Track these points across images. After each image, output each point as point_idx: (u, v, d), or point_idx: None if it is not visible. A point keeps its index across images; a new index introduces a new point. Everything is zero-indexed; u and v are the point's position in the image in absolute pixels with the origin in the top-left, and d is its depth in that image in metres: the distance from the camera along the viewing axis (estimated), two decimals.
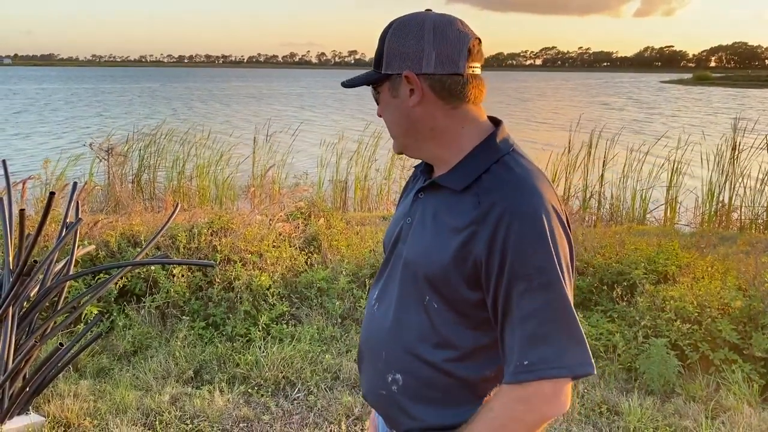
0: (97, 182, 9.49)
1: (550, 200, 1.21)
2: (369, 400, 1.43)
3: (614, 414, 3.44)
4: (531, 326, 1.16)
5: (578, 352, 1.17)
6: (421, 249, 1.28)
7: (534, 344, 1.15)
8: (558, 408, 1.17)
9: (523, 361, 1.16)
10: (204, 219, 5.45)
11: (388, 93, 1.32)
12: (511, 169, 1.24)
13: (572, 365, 1.16)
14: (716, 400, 3.52)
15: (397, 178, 10.50)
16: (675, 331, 3.88)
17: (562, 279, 1.17)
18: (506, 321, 1.19)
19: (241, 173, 10.77)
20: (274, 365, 3.81)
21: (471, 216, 1.21)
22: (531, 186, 1.21)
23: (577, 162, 10.00)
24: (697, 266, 4.83)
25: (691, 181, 9.88)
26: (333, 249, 5.45)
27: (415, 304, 1.29)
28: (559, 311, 1.17)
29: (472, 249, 1.20)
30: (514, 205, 1.18)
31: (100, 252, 4.75)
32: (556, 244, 1.18)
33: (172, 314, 4.38)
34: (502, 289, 1.18)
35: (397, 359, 1.32)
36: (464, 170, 1.27)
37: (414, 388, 1.30)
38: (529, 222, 1.17)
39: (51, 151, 9.76)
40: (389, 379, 1.33)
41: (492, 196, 1.20)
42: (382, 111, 1.36)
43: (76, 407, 3.33)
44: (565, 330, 1.17)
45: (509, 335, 1.18)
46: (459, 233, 1.21)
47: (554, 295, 1.16)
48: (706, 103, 45.34)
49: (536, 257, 1.16)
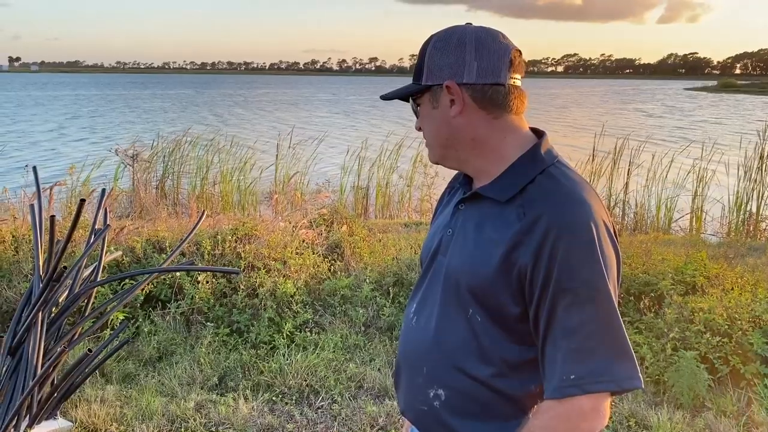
0: (122, 188, 9.61)
1: (597, 212, 1.19)
2: (408, 416, 1.40)
3: (643, 428, 3.39)
4: (578, 340, 1.14)
5: (626, 366, 1.15)
6: (464, 260, 1.26)
7: (581, 358, 1.13)
8: (599, 423, 1.15)
9: (569, 375, 1.13)
10: (228, 225, 5.47)
11: (428, 104, 1.31)
12: (557, 179, 1.23)
13: (620, 379, 1.14)
14: (748, 416, 3.45)
15: (419, 184, 10.49)
16: (704, 344, 3.81)
17: (610, 291, 1.15)
18: (550, 334, 1.17)
19: (263, 179, 10.85)
20: (298, 373, 3.81)
21: (515, 227, 1.20)
22: (579, 197, 1.20)
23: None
24: (726, 277, 4.74)
25: (718, 190, 9.73)
26: (356, 256, 5.44)
27: (458, 317, 1.27)
28: (606, 324, 1.15)
29: (517, 261, 1.18)
30: (561, 216, 1.17)
31: (126, 258, 4.79)
32: (604, 256, 1.16)
33: (196, 320, 4.41)
34: (546, 302, 1.16)
35: (439, 374, 1.30)
36: (508, 181, 1.26)
37: (457, 403, 1.28)
38: (576, 234, 1.15)
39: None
40: (431, 394, 1.31)
41: (538, 208, 1.19)
42: (421, 123, 1.35)
43: (102, 413, 3.36)
44: (612, 343, 1.15)
45: (552, 349, 1.16)
46: (503, 245, 1.20)
47: (601, 307, 1.15)
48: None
49: (584, 270, 1.14)
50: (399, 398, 1.44)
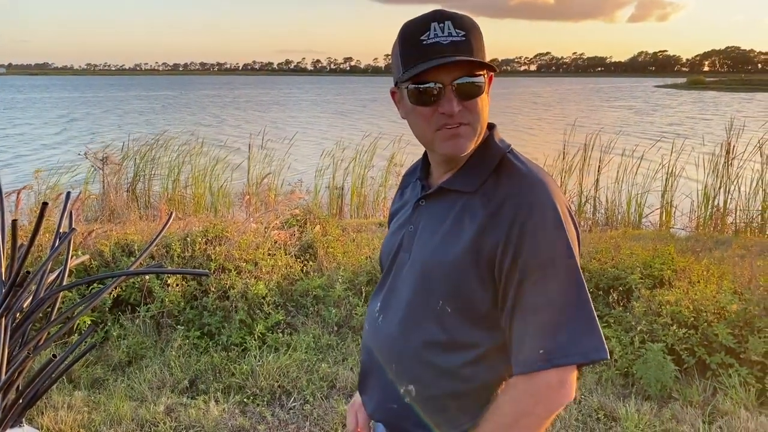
0: (92, 191, 9.47)
1: (557, 193, 1.23)
2: (377, 417, 1.39)
3: (611, 420, 3.43)
4: (546, 315, 1.16)
5: (592, 338, 1.17)
6: (432, 252, 1.27)
7: (550, 332, 1.15)
8: (567, 396, 1.17)
9: (538, 350, 1.15)
10: (198, 227, 5.43)
11: (487, 85, 1.29)
12: (516, 165, 1.26)
13: (586, 351, 1.16)
14: (713, 405, 3.52)
15: (393, 184, 10.50)
16: (671, 336, 3.87)
17: (577, 266, 1.19)
18: (519, 310, 1.18)
19: (236, 181, 10.78)
20: (270, 375, 3.79)
21: (481, 214, 1.22)
22: (539, 179, 1.23)
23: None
24: (693, 270, 4.83)
25: (687, 185, 9.90)
26: (329, 256, 5.43)
27: (426, 311, 1.27)
28: (574, 298, 1.17)
29: (485, 245, 1.20)
30: (525, 197, 1.19)
31: (94, 262, 4.73)
32: (569, 233, 1.20)
33: (166, 324, 4.36)
34: (514, 280, 1.18)
35: (408, 369, 1.30)
36: (471, 172, 1.28)
37: (428, 397, 1.28)
38: (542, 213, 1.18)
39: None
40: (401, 390, 1.31)
41: (502, 192, 1.22)
42: (475, 106, 1.26)
43: (70, 419, 3.31)
44: (579, 317, 1.17)
45: (521, 324, 1.18)
46: (470, 232, 1.22)
47: (570, 282, 1.17)
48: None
49: (551, 247, 1.17)
50: (366, 401, 1.42)
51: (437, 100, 1.23)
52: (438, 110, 1.24)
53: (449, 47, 1.20)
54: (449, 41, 1.20)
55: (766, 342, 3.69)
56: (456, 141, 1.25)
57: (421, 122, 1.28)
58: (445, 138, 1.25)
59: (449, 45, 1.20)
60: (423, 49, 1.22)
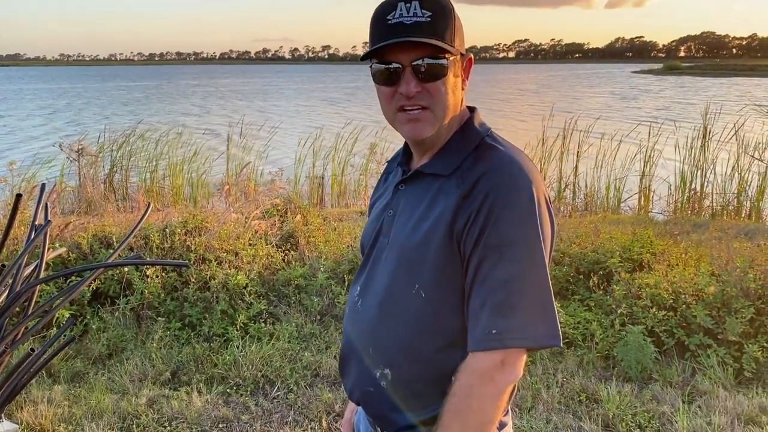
0: (67, 184, 9.33)
1: (536, 179, 1.21)
2: (355, 397, 1.40)
3: (593, 402, 3.47)
4: (504, 295, 1.15)
5: (546, 325, 1.17)
6: (409, 236, 1.27)
7: (505, 313, 1.15)
8: (513, 377, 1.17)
9: (491, 330, 1.15)
10: (177, 218, 5.37)
11: (452, 70, 1.25)
12: (494, 147, 1.25)
13: (538, 336, 1.17)
14: (692, 385, 3.57)
15: (374, 172, 10.48)
16: (651, 318, 3.92)
17: (543, 252, 1.17)
18: (478, 288, 1.18)
19: (215, 172, 10.68)
20: (253, 364, 3.78)
21: (456, 195, 1.21)
22: (517, 163, 1.22)
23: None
24: (672, 253, 4.89)
25: (665, 170, 10.01)
26: (310, 246, 5.41)
27: (404, 295, 1.27)
28: (534, 283, 1.17)
29: (456, 225, 1.20)
30: (499, 178, 1.19)
31: (72, 254, 4.66)
32: (541, 219, 1.18)
33: (147, 316, 4.32)
34: (475, 258, 1.17)
35: (384, 353, 1.30)
36: (448, 155, 1.28)
37: (403, 382, 1.29)
38: (515, 194, 1.17)
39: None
40: (377, 374, 1.31)
41: (476, 173, 1.21)
42: (438, 88, 1.24)
43: (50, 413, 3.26)
44: (536, 302, 1.17)
45: (479, 302, 1.18)
46: (446, 215, 1.21)
47: (533, 267, 1.16)
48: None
49: (519, 229, 1.16)
50: (346, 384, 1.43)
51: (397, 81, 1.23)
52: (398, 90, 1.24)
53: (411, 27, 1.19)
54: (413, 21, 1.19)
55: (743, 322, 3.75)
56: (414, 125, 1.25)
57: (384, 102, 1.29)
58: (404, 121, 1.26)
59: (412, 25, 1.19)
60: (386, 27, 1.21)
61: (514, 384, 1.20)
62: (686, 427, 3.13)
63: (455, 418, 1.16)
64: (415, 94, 1.22)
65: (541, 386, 3.58)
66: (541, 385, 3.59)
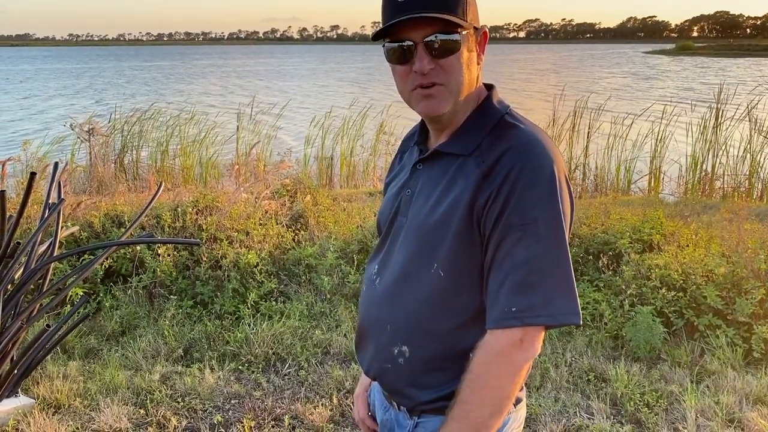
0: (78, 163, 9.38)
1: (557, 156, 1.21)
2: (372, 374, 1.41)
3: (602, 381, 3.49)
4: (524, 273, 1.15)
5: (567, 302, 1.18)
6: (428, 215, 1.26)
7: (524, 291, 1.15)
8: (531, 354, 1.18)
9: (511, 308, 1.15)
10: (189, 198, 5.40)
11: (465, 46, 1.23)
12: (514, 125, 1.24)
13: (558, 314, 1.17)
14: (701, 365, 3.58)
15: (383, 153, 10.46)
16: (660, 299, 3.92)
17: (564, 230, 1.18)
18: (495, 268, 1.18)
19: (226, 151, 10.70)
20: (264, 342, 3.82)
21: (475, 174, 1.20)
22: (535, 139, 1.21)
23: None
24: (682, 234, 4.87)
25: (676, 151, 9.94)
26: (320, 226, 5.43)
27: (421, 274, 1.27)
28: (554, 261, 1.17)
29: (476, 204, 1.19)
30: (522, 156, 1.18)
31: (84, 233, 4.70)
32: (562, 197, 1.18)
33: (159, 294, 4.36)
34: (496, 237, 1.17)
35: (402, 330, 1.30)
36: (467, 134, 1.27)
37: (421, 359, 1.29)
38: (538, 172, 1.17)
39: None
40: (395, 351, 1.31)
41: (497, 150, 1.20)
42: (450, 64, 1.22)
43: (65, 388, 3.32)
44: (557, 280, 1.17)
45: (499, 280, 1.18)
46: (466, 194, 1.21)
47: (553, 245, 1.16)
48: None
49: (541, 207, 1.16)
50: (362, 360, 1.44)
51: (411, 58, 1.22)
52: (412, 69, 1.22)
53: (422, 3, 1.18)
54: None
55: (752, 303, 3.74)
56: (429, 101, 1.23)
57: (399, 81, 1.27)
58: (419, 98, 1.24)
59: (423, 1, 1.18)
60: (396, 5, 1.20)
61: (531, 361, 1.21)
62: (694, 407, 3.14)
63: (473, 395, 1.17)
64: (429, 71, 1.21)
65: (550, 365, 3.60)
66: (550, 365, 3.61)
